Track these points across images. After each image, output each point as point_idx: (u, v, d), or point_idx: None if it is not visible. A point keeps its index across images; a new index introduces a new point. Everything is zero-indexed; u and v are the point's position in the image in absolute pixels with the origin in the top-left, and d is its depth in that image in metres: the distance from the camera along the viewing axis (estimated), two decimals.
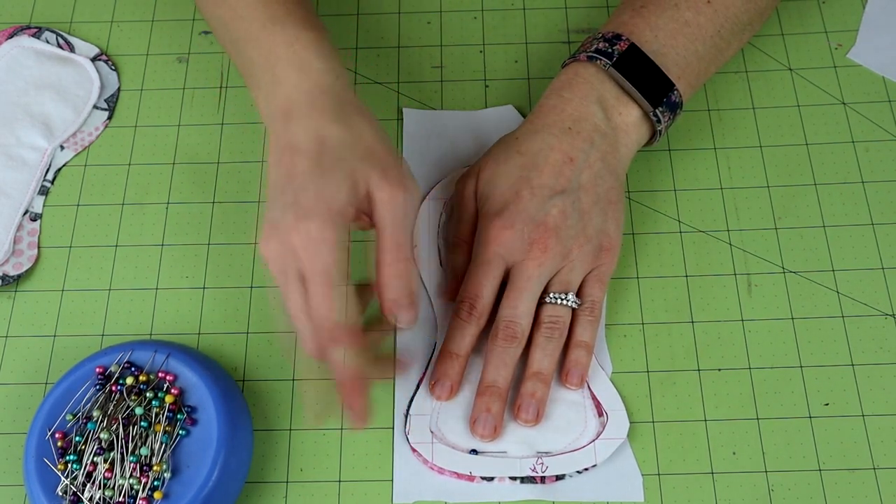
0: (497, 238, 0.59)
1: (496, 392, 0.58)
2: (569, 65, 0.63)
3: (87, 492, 0.55)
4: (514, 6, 0.75)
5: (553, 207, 0.59)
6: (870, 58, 0.71)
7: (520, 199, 0.59)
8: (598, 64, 0.61)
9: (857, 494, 0.57)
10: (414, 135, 0.69)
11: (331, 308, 0.52)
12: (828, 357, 0.61)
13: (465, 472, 0.58)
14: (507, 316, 0.59)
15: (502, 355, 0.58)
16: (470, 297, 0.59)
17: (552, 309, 0.59)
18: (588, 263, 0.60)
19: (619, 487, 0.58)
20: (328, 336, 0.53)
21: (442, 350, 0.60)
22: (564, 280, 0.60)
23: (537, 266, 0.58)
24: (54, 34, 0.74)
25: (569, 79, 0.62)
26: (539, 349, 0.59)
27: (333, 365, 0.54)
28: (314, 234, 0.52)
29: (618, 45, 0.61)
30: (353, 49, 0.74)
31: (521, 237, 0.59)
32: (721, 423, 0.60)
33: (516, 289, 0.59)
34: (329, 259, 0.52)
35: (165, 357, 0.59)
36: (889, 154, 0.68)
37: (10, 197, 0.68)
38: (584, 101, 0.61)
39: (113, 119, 0.72)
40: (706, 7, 0.63)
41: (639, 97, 0.61)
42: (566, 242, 0.59)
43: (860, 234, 0.65)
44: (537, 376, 0.59)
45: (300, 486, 0.59)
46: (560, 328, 0.59)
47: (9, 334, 0.64)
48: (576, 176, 0.60)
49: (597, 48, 0.61)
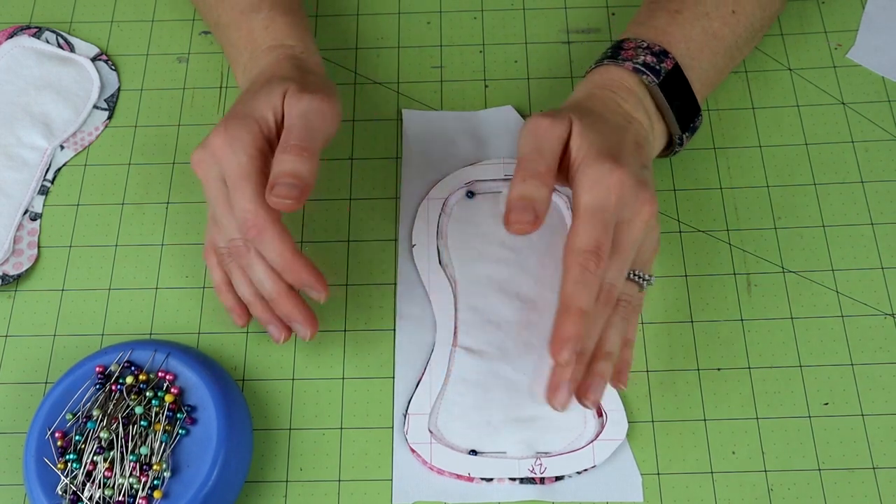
0: (621, 186, 0.52)
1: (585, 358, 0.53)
2: (608, 66, 0.60)
3: (87, 491, 0.55)
4: (514, 6, 0.75)
5: (647, 176, 0.54)
6: (869, 58, 0.71)
7: (625, 154, 0.54)
8: (643, 78, 0.59)
9: (856, 494, 0.57)
10: (413, 135, 0.69)
11: (250, 201, 0.54)
12: (827, 357, 0.61)
13: (464, 473, 0.58)
14: (612, 279, 0.53)
15: (598, 321, 0.53)
16: (597, 249, 0.51)
17: (629, 287, 0.55)
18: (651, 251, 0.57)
19: (618, 488, 0.58)
20: (252, 230, 0.54)
21: (568, 307, 0.51)
22: (641, 258, 0.56)
23: (643, 229, 0.54)
24: (54, 34, 0.74)
25: (613, 80, 0.59)
26: (614, 329, 0.54)
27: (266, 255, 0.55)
28: (231, 131, 0.55)
29: (665, 63, 0.59)
30: (353, 49, 0.74)
31: (635, 194, 0.53)
32: (720, 422, 0.60)
33: (621, 251, 0.53)
34: (243, 156, 0.55)
35: (165, 356, 0.59)
36: (888, 154, 0.68)
37: (10, 197, 0.68)
38: (636, 107, 0.58)
39: (113, 119, 0.72)
40: (731, 17, 0.62)
41: (671, 119, 0.59)
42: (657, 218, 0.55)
43: (859, 233, 0.65)
44: (608, 356, 0.54)
45: (300, 486, 0.59)
46: (633, 310, 0.56)
47: (9, 334, 0.64)
48: (648, 161, 0.57)
49: (644, 61, 0.59)
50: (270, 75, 0.59)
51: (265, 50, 0.62)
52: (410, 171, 0.68)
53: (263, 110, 0.57)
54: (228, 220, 0.57)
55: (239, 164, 0.55)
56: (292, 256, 0.55)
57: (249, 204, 0.54)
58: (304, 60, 0.61)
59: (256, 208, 0.54)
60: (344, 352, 0.63)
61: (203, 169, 0.57)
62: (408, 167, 0.68)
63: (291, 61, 0.61)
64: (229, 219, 0.57)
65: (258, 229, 0.54)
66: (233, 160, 0.55)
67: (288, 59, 0.61)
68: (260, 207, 0.54)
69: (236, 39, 0.63)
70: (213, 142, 0.56)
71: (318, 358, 0.63)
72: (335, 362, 0.62)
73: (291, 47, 0.62)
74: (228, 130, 0.56)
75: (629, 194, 0.52)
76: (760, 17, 0.64)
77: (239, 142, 0.55)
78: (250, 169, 0.55)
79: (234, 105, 0.59)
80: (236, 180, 0.55)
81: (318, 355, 0.63)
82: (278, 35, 0.62)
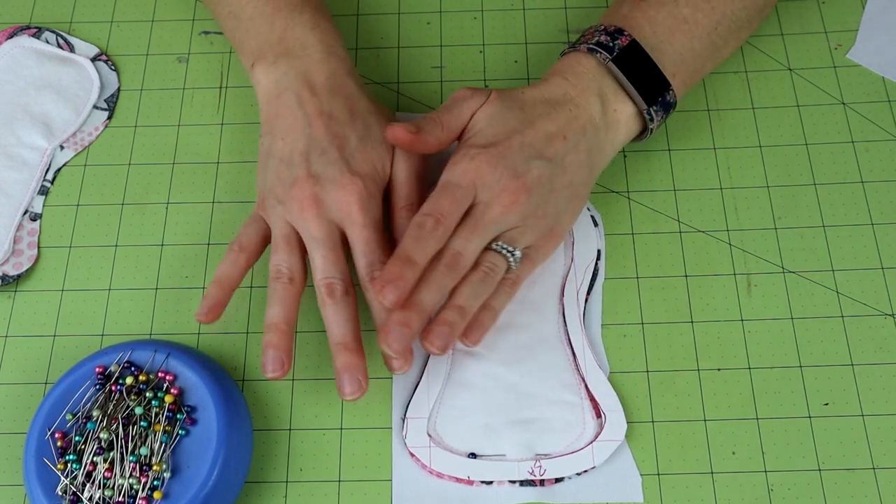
0: (478, 170, 0.57)
1: (420, 311, 0.55)
2: (568, 53, 0.63)
3: (87, 491, 0.55)
4: (514, 6, 0.75)
5: (535, 168, 0.57)
6: (869, 58, 0.71)
7: (509, 146, 0.58)
8: (598, 57, 0.61)
9: (856, 494, 0.57)
10: None
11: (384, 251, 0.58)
12: (827, 357, 0.61)
13: (463, 477, 0.58)
14: (458, 247, 0.56)
15: (440, 280, 0.56)
16: (438, 213, 0.55)
17: (494, 257, 0.58)
18: (534, 237, 0.59)
19: (618, 488, 0.58)
20: (388, 278, 0.54)
21: (397, 253, 0.55)
22: (512, 238, 0.58)
23: (503, 213, 0.57)
24: (54, 34, 0.74)
25: (570, 65, 0.62)
26: (469, 287, 0.57)
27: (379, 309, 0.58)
28: (370, 188, 0.59)
29: (619, 40, 0.61)
30: (353, 49, 0.74)
31: (499, 181, 0.57)
32: (721, 422, 0.60)
33: (475, 226, 0.57)
34: (378, 210, 0.60)
35: (165, 357, 0.59)
36: (888, 154, 0.68)
37: (10, 197, 0.68)
38: (585, 90, 0.60)
39: (113, 119, 0.72)
40: (704, 4, 0.63)
41: (635, 95, 0.61)
42: (531, 206, 0.57)
43: (860, 233, 0.65)
44: (459, 310, 0.57)
45: (300, 486, 0.59)
46: (495, 277, 0.58)
47: (9, 334, 0.64)
48: (563, 153, 0.59)
49: (598, 41, 0.61)
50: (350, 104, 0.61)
51: (319, 53, 0.62)
52: None
53: (386, 166, 0.61)
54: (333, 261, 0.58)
55: (378, 219, 0.60)
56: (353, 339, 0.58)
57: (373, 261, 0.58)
58: (357, 79, 0.64)
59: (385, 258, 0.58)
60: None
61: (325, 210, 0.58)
62: None
63: (355, 82, 0.63)
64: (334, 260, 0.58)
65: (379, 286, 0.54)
66: (370, 216, 0.59)
67: (350, 79, 0.63)
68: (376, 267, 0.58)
69: (265, 31, 0.63)
70: (349, 192, 0.58)
71: (318, 358, 0.63)
72: None
73: (344, 59, 0.63)
74: (367, 188, 0.59)
75: (490, 180, 0.56)
76: (744, 7, 0.64)
77: (376, 199, 0.60)
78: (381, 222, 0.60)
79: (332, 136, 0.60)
80: (373, 233, 0.59)
81: (317, 355, 0.63)
82: (329, 41, 0.63)
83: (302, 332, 0.63)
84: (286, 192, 0.59)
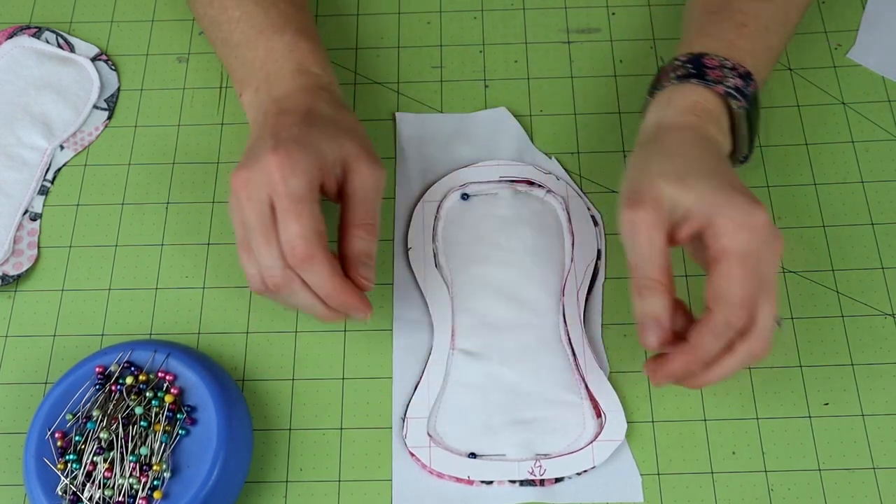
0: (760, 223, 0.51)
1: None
2: (694, 85, 0.58)
3: (87, 491, 0.55)
4: (514, 6, 0.75)
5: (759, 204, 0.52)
6: (869, 58, 0.71)
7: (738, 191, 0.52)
8: (731, 102, 0.57)
9: (856, 494, 0.57)
10: (407, 138, 0.69)
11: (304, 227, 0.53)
12: (827, 357, 0.61)
13: (463, 477, 0.58)
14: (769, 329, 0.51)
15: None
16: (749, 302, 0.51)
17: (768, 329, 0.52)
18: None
19: (618, 488, 0.58)
20: (302, 259, 0.53)
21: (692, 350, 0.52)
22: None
23: (778, 264, 0.52)
24: (54, 34, 0.74)
25: (696, 102, 0.57)
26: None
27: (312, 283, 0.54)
28: (292, 154, 0.54)
29: (750, 87, 0.58)
30: (353, 49, 0.74)
31: (771, 229, 0.51)
32: (721, 422, 0.60)
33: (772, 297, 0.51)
34: (304, 181, 0.53)
35: (165, 357, 0.59)
36: (889, 154, 0.68)
37: (10, 197, 0.68)
38: (710, 125, 0.57)
39: (113, 119, 0.72)
40: (782, 29, 0.62)
41: (744, 140, 0.58)
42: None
43: (860, 233, 0.65)
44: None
45: (300, 486, 0.59)
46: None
47: (9, 334, 0.64)
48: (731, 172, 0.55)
49: (735, 85, 0.57)
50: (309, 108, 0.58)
51: (290, 73, 0.60)
52: (405, 173, 0.68)
53: (326, 152, 0.55)
54: (266, 249, 0.54)
55: (299, 188, 0.53)
56: (340, 284, 0.55)
57: (302, 230, 0.53)
58: (333, 92, 0.61)
59: (309, 235, 0.53)
60: (344, 352, 0.63)
61: (251, 189, 0.54)
62: (402, 170, 0.68)
63: (324, 94, 0.60)
64: (266, 247, 0.54)
65: (308, 257, 0.53)
66: (292, 183, 0.53)
67: (320, 91, 0.60)
68: (312, 234, 0.53)
69: (250, 59, 0.62)
70: (267, 161, 0.53)
71: (318, 358, 0.63)
72: (335, 363, 0.62)
73: (318, 76, 0.61)
74: (290, 153, 0.54)
75: (769, 233, 0.51)
76: (796, 24, 0.64)
77: (300, 165, 0.53)
78: (308, 195, 0.53)
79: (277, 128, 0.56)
80: (291, 204, 0.53)
81: (317, 355, 0.63)
82: (303, 60, 0.61)
83: (301, 331, 0.63)
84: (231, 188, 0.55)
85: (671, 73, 0.59)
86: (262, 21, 0.62)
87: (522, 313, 0.62)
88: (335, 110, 0.59)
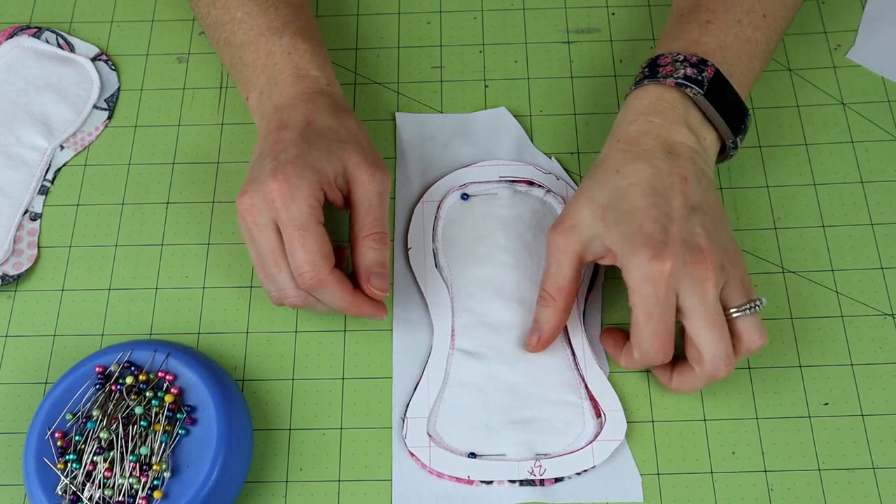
0: (661, 275, 0.53)
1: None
2: (646, 86, 0.59)
3: (87, 491, 0.55)
4: (514, 6, 0.75)
5: (695, 226, 0.54)
6: (869, 58, 0.71)
7: (664, 230, 0.54)
8: (687, 91, 0.58)
9: (856, 494, 0.57)
10: (407, 138, 0.69)
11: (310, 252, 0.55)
12: (827, 357, 0.61)
13: (463, 476, 0.58)
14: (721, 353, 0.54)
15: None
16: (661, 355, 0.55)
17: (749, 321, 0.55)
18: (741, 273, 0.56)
19: (618, 488, 0.58)
20: (313, 282, 0.55)
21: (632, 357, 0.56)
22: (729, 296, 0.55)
23: (712, 288, 0.53)
24: (54, 34, 0.74)
25: (651, 103, 0.59)
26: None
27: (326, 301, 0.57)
28: (291, 179, 0.55)
29: (705, 72, 0.58)
30: (353, 49, 0.74)
31: (684, 266, 0.53)
32: (720, 422, 0.60)
33: (711, 322, 0.54)
34: (304, 207, 0.55)
35: (165, 357, 0.59)
36: (888, 154, 0.68)
37: (10, 197, 0.68)
38: (674, 125, 0.58)
39: (113, 119, 0.72)
40: (762, 22, 0.62)
41: (721, 126, 0.59)
42: (717, 256, 0.54)
43: (860, 234, 0.65)
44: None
45: (300, 486, 0.59)
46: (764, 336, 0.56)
47: (9, 334, 0.64)
48: (696, 193, 0.56)
49: (685, 74, 0.58)
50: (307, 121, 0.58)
51: (289, 77, 0.61)
52: (405, 173, 0.68)
53: (326, 168, 0.57)
54: (277, 272, 0.56)
55: (301, 214, 0.55)
56: (352, 300, 0.57)
57: (309, 255, 0.55)
58: (332, 95, 0.61)
59: (315, 259, 0.55)
60: (344, 352, 0.63)
61: (254, 214, 0.56)
62: (402, 169, 0.68)
63: (323, 100, 0.60)
64: (278, 271, 0.56)
65: (318, 281, 0.55)
66: (293, 209, 0.55)
67: (319, 96, 0.60)
68: (319, 258, 0.55)
69: (251, 60, 0.62)
70: (269, 188, 0.55)
71: (318, 358, 0.63)
72: (335, 362, 0.62)
73: (316, 78, 0.61)
74: (289, 179, 0.55)
75: (680, 273, 0.53)
76: (786, 18, 0.64)
77: (300, 191, 0.55)
78: (311, 220, 0.55)
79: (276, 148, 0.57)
80: (295, 231, 0.55)
81: (317, 355, 0.63)
82: (302, 63, 0.61)
83: (301, 331, 0.63)
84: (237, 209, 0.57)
85: (632, 83, 0.61)
86: (262, 22, 0.63)
87: (522, 313, 0.62)
88: (334, 117, 0.60)
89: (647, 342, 0.55)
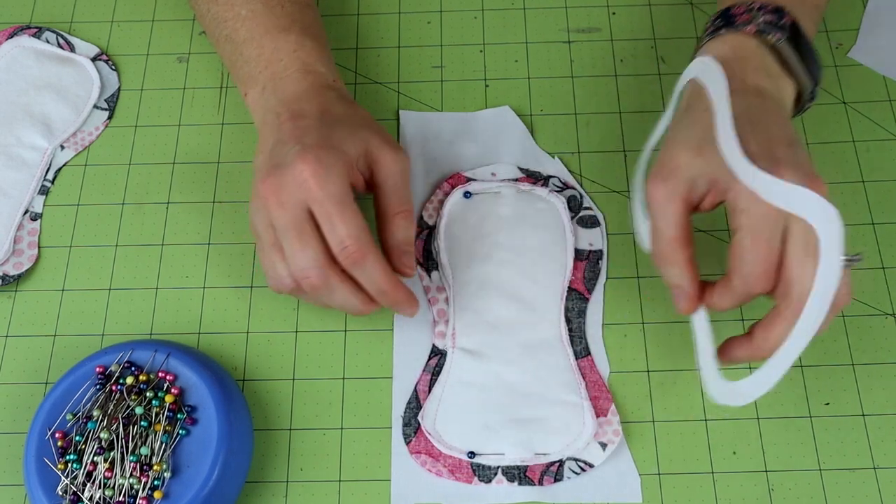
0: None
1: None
2: (723, 35, 0.56)
3: (87, 491, 0.55)
4: (514, 6, 0.75)
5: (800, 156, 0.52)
6: (870, 57, 0.71)
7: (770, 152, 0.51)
8: (768, 38, 0.55)
9: (857, 494, 0.57)
10: (411, 137, 0.69)
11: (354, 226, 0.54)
12: (828, 357, 0.61)
13: (462, 475, 0.58)
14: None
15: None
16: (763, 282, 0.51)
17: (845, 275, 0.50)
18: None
19: (617, 488, 0.58)
20: (356, 255, 0.54)
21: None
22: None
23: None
24: (54, 34, 0.74)
25: (731, 49, 0.55)
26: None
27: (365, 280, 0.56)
28: (324, 160, 0.55)
29: (784, 19, 0.55)
30: (353, 49, 0.74)
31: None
32: (721, 422, 0.60)
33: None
34: (342, 184, 0.55)
35: (165, 357, 0.59)
36: (889, 154, 0.68)
37: (10, 197, 0.68)
38: (756, 72, 0.55)
39: (113, 119, 0.72)
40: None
41: (802, 72, 0.56)
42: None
43: (860, 233, 0.65)
44: None
45: (300, 486, 0.59)
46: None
47: (9, 334, 0.64)
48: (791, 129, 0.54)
49: (765, 20, 0.55)
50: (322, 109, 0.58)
51: (297, 73, 0.61)
52: None
53: (350, 150, 0.57)
54: (301, 251, 0.55)
55: (339, 191, 0.55)
56: (394, 279, 0.56)
57: (351, 229, 0.54)
58: (339, 90, 0.62)
59: (358, 234, 0.54)
60: (344, 352, 0.63)
61: (283, 195, 0.55)
62: None
63: (332, 93, 0.61)
64: (302, 249, 0.55)
65: (362, 256, 0.55)
66: (330, 187, 0.54)
67: (328, 90, 0.60)
68: (362, 233, 0.55)
69: (255, 56, 0.62)
70: (298, 168, 0.54)
71: (319, 358, 0.63)
72: (335, 362, 0.62)
73: (323, 74, 0.62)
74: (320, 159, 0.55)
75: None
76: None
77: (334, 168, 0.55)
78: (348, 196, 0.55)
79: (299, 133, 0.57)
80: (335, 206, 0.54)
81: (318, 355, 0.63)
82: (309, 60, 0.62)
83: (302, 331, 0.63)
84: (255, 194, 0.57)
85: (704, 36, 0.58)
86: (267, 20, 0.63)
87: (523, 312, 0.62)
88: (346, 107, 0.60)
89: (751, 266, 0.50)
